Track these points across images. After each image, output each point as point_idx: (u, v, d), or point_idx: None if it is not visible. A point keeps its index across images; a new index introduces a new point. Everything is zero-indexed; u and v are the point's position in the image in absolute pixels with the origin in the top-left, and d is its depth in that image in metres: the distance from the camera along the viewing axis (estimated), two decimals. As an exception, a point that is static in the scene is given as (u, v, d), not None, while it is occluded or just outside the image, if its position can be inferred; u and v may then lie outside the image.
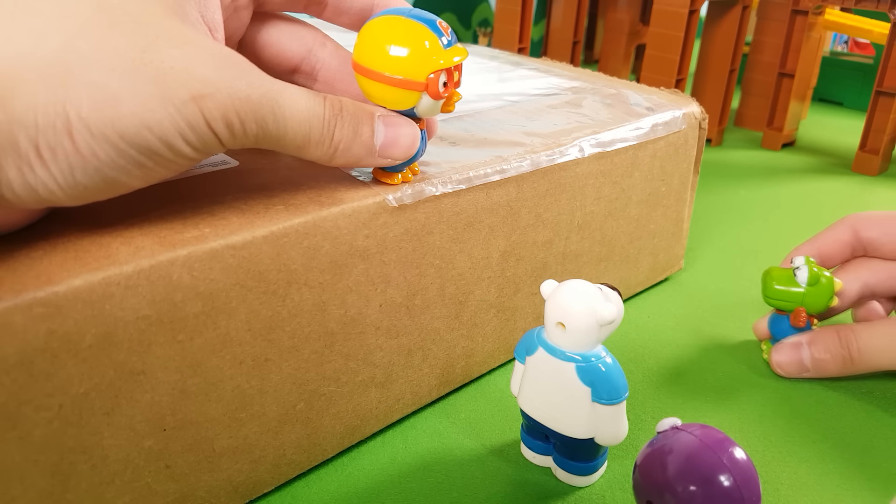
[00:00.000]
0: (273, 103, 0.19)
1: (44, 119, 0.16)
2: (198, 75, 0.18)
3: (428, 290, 0.28)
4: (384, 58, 0.22)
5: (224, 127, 0.19)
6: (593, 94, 0.40)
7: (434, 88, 0.22)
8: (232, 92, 0.18)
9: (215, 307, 0.21)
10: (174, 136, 0.18)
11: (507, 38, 0.81)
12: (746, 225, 0.52)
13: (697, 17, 0.65)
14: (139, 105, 0.17)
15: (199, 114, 0.18)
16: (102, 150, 0.17)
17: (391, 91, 0.22)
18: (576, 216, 0.33)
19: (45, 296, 0.18)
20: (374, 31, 0.22)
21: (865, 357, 0.32)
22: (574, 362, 0.24)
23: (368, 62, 0.22)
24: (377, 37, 0.22)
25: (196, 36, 0.19)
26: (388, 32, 0.22)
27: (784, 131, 0.71)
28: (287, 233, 0.22)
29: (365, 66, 0.22)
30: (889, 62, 0.62)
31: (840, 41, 0.91)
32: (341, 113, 0.22)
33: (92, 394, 0.19)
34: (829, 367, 0.32)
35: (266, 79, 0.20)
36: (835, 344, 0.32)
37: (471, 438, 0.29)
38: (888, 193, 0.60)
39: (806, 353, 0.33)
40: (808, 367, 0.33)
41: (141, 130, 0.17)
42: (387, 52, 0.22)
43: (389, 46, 0.22)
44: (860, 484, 0.27)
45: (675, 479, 0.21)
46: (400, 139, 0.23)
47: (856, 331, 0.32)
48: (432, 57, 0.22)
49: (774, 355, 0.34)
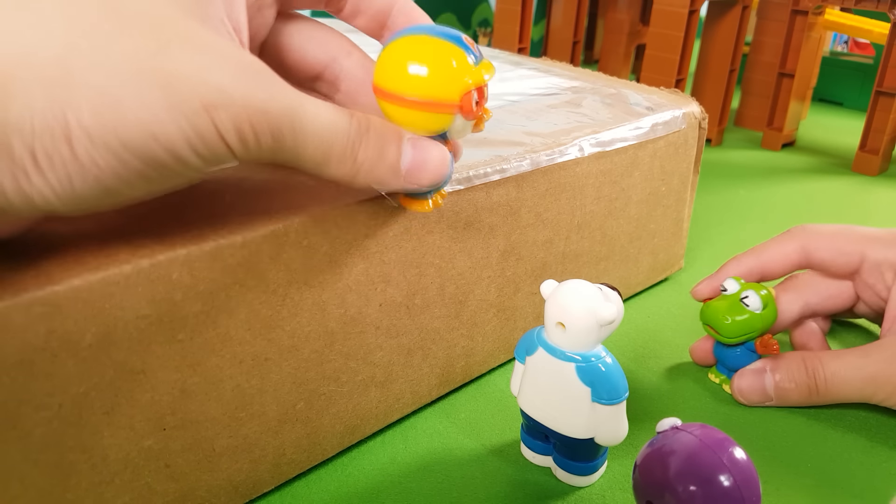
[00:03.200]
0: (293, 116, 0.18)
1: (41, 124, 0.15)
2: (212, 83, 0.17)
3: (428, 289, 0.28)
4: (412, 80, 0.20)
5: (237, 139, 0.17)
6: (593, 94, 0.40)
7: (468, 107, 0.21)
8: (248, 102, 0.17)
9: (215, 306, 0.21)
10: (182, 146, 0.17)
11: (507, 38, 0.81)
12: (746, 225, 0.52)
13: (697, 17, 0.65)
14: (145, 112, 0.16)
15: (211, 124, 0.17)
16: (103, 159, 0.16)
17: (421, 115, 0.21)
18: (576, 216, 0.33)
19: (45, 295, 0.18)
20: (397, 53, 0.20)
21: (832, 388, 0.30)
22: (574, 362, 0.24)
23: (394, 86, 0.20)
24: (401, 58, 0.20)
25: (214, 39, 0.18)
26: (413, 53, 0.20)
27: (784, 131, 0.71)
28: (287, 232, 0.22)
29: (390, 91, 0.20)
30: (889, 62, 0.62)
31: (840, 41, 0.91)
32: (368, 132, 0.20)
33: (92, 393, 0.19)
34: (793, 396, 0.31)
35: (287, 90, 0.18)
36: (800, 372, 0.31)
37: (471, 438, 0.29)
38: (888, 193, 0.60)
39: (769, 380, 0.31)
40: (770, 395, 0.31)
41: (146, 139, 0.16)
42: (415, 74, 0.20)
43: (417, 67, 0.20)
44: (861, 483, 0.27)
45: (675, 479, 0.21)
46: (428, 163, 0.22)
47: (823, 360, 0.31)
48: (463, 75, 0.20)
49: (737, 381, 0.32)
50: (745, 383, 0.32)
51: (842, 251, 0.33)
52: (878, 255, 0.32)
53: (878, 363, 0.30)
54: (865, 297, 0.34)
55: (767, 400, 0.32)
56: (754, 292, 0.31)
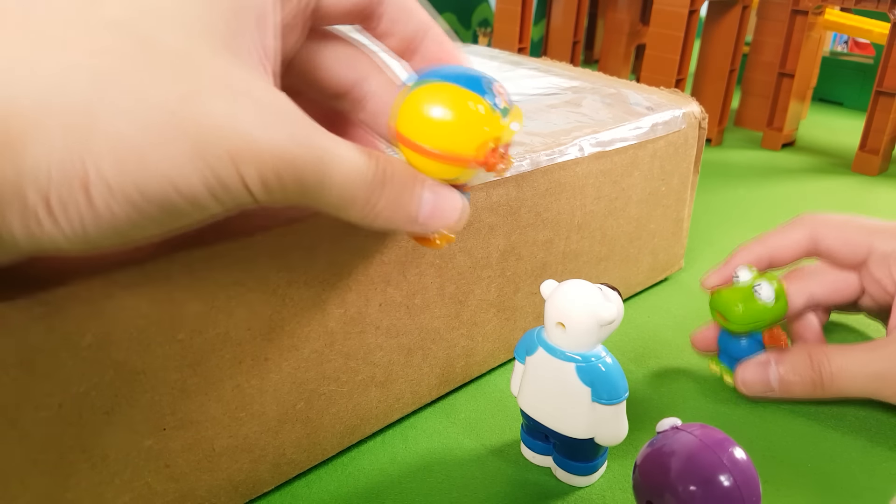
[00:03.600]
0: (319, 164, 0.17)
1: (59, 174, 0.14)
2: (241, 131, 0.16)
3: (428, 289, 0.28)
4: (433, 132, 0.20)
5: (261, 186, 0.16)
6: (593, 94, 0.40)
7: (489, 163, 0.20)
8: (276, 150, 0.16)
9: (215, 306, 0.21)
10: (203, 194, 0.16)
11: (507, 38, 0.81)
12: (746, 225, 0.52)
13: (697, 17, 0.65)
14: (168, 162, 0.15)
15: (236, 172, 0.16)
16: (120, 207, 0.15)
17: (441, 167, 0.20)
18: (576, 215, 0.33)
19: (45, 295, 0.18)
20: (420, 102, 0.20)
21: (837, 383, 0.30)
22: (574, 362, 0.24)
23: (415, 136, 0.20)
24: (424, 108, 0.20)
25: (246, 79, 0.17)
26: (435, 104, 0.20)
27: (784, 131, 0.71)
28: (287, 232, 0.22)
29: (411, 140, 0.20)
30: (889, 62, 0.62)
31: (840, 41, 0.91)
32: (389, 181, 0.20)
33: (92, 393, 0.19)
34: (797, 389, 0.31)
35: (315, 135, 0.18)
36: (805, 366, 0.31)
37: (471, 438, 0.29)
38: (888, 193, 0.60)
39: (773, 372, 0.31)
40: (774, 387, 0.31)
41: (166, 189, 0.15)
42: (436, 127, 0.20)
43: (438, 120, 0.20)
44: (861, 483, 0.27)
45: (675, 479, 0.21)
46: (445, 212, 0.21)
47: (829, 354, 0.30)
48: (486, 130, 0.20)
49: (741, 371, 0.32)
50: (748, 374, 0.31)
51: (849, 241, 0.33)
52: (887, 247, 0.32)
53: (884, 359, 0.29)
54: (871, 290, 0.33)
55: (770, 392, 0.31)
56: (767, 282, 0.31)
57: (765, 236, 0.34)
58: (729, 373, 0.33)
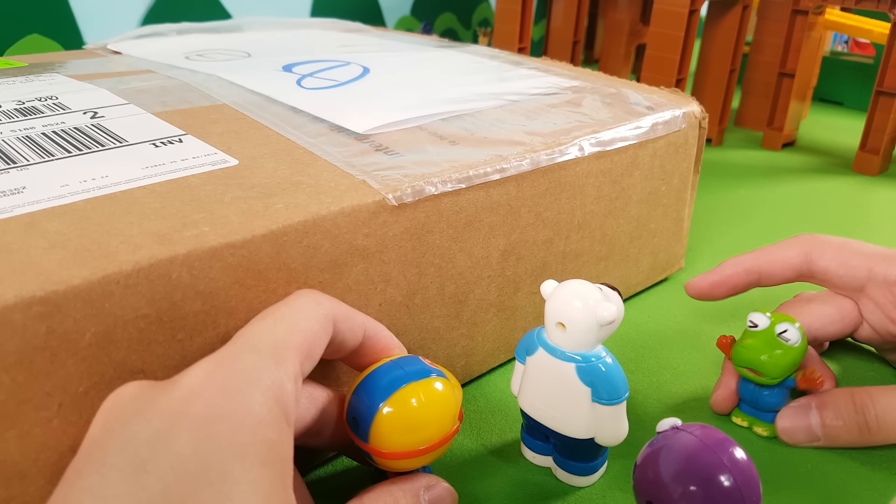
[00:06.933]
0: None
1: None
2: None
3: (428, 289, 0.28)
4: (423, 433, 0.22)
5: None
6: (593, 94, 0.40)
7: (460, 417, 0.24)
8: None
9: (215, 306, 0.21)
10: None
11: (507, 37, 0.81)
12: (746, 225, 0.52)
13: (697, 17, 0.65)
14: None
15: None
16: None
17: (436, 452, 0.23)
18: (576, 215, 0.33)
19: (45, 294, 0.18)
20: (395, 419, 0.22)
21: (884, 426, 0.28)
22: (574, 362, 0.24)
23: (405, 445, 0.22)
24: (404, 421, 0.22)
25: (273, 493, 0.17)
26: (410, 411, 0.22)
27: (784, 131, 0.71)
28: (287, 232, 0.22)
29: (402, 451, 0.22)
30: (889, 62, 0.62)
31: (840, 41, 0.91)
32: None
33: (91, 392, 0.19)
34: (843, 435, 0.28)
35: None
36: (848, 409, 0.28)
37: (471, 438, 0.29)
38: (888, 193, 0.60)
39: (815, 418, 0.29)
40: (818, 435, 0.29)
41: None
42: (426, 425, 0.22)
43: (422, 422, 0.22)
44: (861, 483, 0.27)
45: (675, 479, 0.21)
46: None
47: (872, 395, 0.28)
48: (453, 401, 0.23)
49: (780, 421, 0.29)
50: (789, 422, 0.29)
51: (847, 263, 0.31)
52: (887, 271, 0.30)
53: None
54: (872, 319, 0.31)
55: (815, 440, 0.29)
56: (790, 324, 0.28)
57: (758, 250, 0.33)
58: (758, 423, 0.30)
